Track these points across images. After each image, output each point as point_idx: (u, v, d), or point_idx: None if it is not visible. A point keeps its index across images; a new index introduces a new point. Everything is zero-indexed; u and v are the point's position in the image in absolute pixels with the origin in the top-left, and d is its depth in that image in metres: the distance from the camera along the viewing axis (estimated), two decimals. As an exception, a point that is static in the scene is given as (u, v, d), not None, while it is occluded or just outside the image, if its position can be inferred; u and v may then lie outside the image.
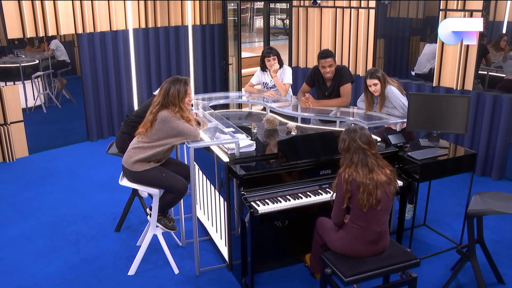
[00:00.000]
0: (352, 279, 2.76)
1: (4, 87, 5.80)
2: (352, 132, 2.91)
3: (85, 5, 6.22)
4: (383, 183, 2.82)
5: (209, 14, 7.61)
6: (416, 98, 3.88)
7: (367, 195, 2.76)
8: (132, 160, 3.39)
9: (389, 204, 2.89)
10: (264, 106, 4.64)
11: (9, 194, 5.03)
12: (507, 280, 3.50)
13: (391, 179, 2.87)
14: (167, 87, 3.37)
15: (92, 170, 5.67)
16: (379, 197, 2.78)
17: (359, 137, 2.87)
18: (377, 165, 2.85)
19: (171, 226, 3.63)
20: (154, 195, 3.51)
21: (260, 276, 3.57)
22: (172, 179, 3.46)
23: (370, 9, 6.25)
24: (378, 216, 2.85)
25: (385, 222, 2.91)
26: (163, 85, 3.42)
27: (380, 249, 2.92)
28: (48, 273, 3.63)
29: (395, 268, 2.87)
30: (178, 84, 3.38)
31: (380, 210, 2.82)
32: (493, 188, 5.16)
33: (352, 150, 2.87)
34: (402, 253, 2.95)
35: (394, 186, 2.89)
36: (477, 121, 5.46)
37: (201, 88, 7.71)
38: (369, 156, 2.84)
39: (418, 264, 2.91)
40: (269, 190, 3.27)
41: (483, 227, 3.39)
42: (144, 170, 3.39)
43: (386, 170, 2.88)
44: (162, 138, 3.36)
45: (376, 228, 2.86)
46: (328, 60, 4.45)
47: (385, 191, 2.83)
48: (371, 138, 2.91)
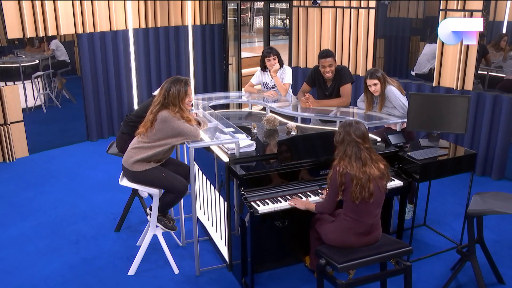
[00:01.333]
0: (345, 266, 2.81)
1: (4, 87, 5.80)
2: (347, 126, 2.96)
3: (85, 5, 6.22)
4: (375, 177, 2.87)
5: (209, 14, 7.61)
6: (416, 98, 3.88)
7: (360, 188, 2.82)
8: (132, 160, 3.39)
9: (381, 197, 2.95)
10: (264, 106, 4.64)
11: (9, 194, 5.03)
12: (507, 280, 3.50)
13: (384, 173, 2.92)
14: (167, 87, 3.38)
15: (92, 170, 5.67)
16: (371, 190, 2.84)
17: (354, 130, 2.91)
18: (370, 159, 2.90)
19: (171, 226, 3.63)
20: (154, 195, 3.51)
21: (260, 276, 3.57)
22: (172, 179, 3.46)
23: (370, 9, 6.25)
24: (370, 209, 2.90)
25: (377, 214, 2.98)
26: (163, 85, 3.43)
27: (372, 240, 2.98)
28: (48, 273, 3.63)
29: (387, 256, 2.93)
30: (178, 84, 3.38)
31: (372, 203, 2.88)
32: (493, 188, 5.15)
33: (346, 143, 2.92)
34: (393, 242, 3.04)
35: (386, 180, 2.96)
36: (477, 121, 5.46)
37: (201, 88, 7.71)
38: (362, 150, 2.89)
39: (411, 252, 2.98)
40: (269, 190, 3.27)
41: (483, 227, 3.39)
42: (144, 170, 3.39)
43: (380, 165, 2.93)
44: (162, 138, 3.36)
45: (368, 221, 2.92)
46: (328, 59, 4.45)
47: (378, 185, 2.88)
48: (366, 133, 2.96)
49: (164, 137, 3.36)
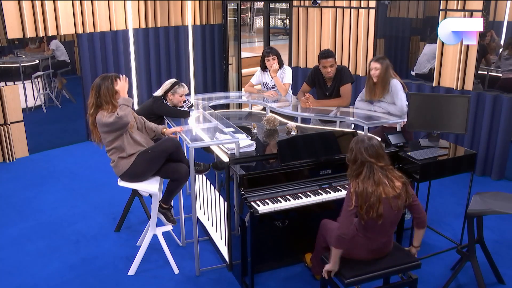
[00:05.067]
0: (353, 281, 2.75)
1: (4, 87, 5.80)
2: (359, 143, 2.76)
3: (85, 5, 6.22)
4: (389, 197, 2.69)
5: (209, 14, 7.61)
6: (416, 98, 3.88)
7: (367, 207, 2.66)
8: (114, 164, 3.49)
9: (395, 217, 2.78)
10: (264, 106, 4.64)
11: (9, 194, 5.03)
12: (507, 280, 3.50)
13: (400, 193, 2.72)
14: (97, 86, 3.38)
15: (92, 170, 5.67)
16: (380, 211, 2.66)
17: (366, 149, 2.72)
18: (385, 178, 2.71)
19: (172, 220, 3.65)
20: (154, 195, 3.51)
21: (260, 276, 3.57)
22: (158, 145, 3.49)
23: (370, 9, 6.24)
24: (386, 229, 2.79)
25: (392, 233, 2.86)
26: (93, 84, 3.42)
27: (382, 255, 2.89)
28: (48, 273, 3.63)
29: (396, 270, 2.87)
30: (106, 81, 3.38)
31: (388, 223, 2.74)
32: (493, 188, 5.15)
33: (358, 163, 2.74)
34: (403, 255, 2.94)
35: (403, 199, 2.74)
36: (477, 121, 5.46)
37: (201, 88, 7.71)
38: (376, 170, 2.70)
39: (419, 266, 2.91)
40: (269, 190, 3.27)
41: (483, 227, 3.39)
42: (132, 163, 3.42)
43: (396, 183, 2.73)
44: (107, 138, 3.44)
45: (382, 239, 2.81)
46: (329, 60, 4.45)
47: (390, 205, 2.69)
48: (380, 150, 2.75)
49: (105, 135, 3.42)
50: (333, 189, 3.36)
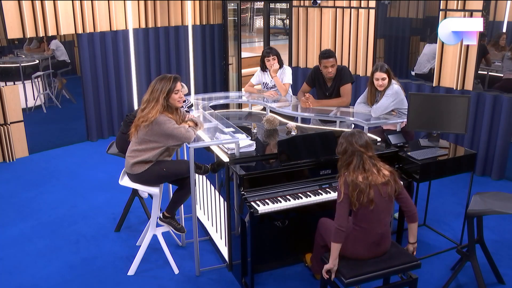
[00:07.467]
0: (353, 281, 2.75)
1: (4, 87, 5.80)
2: (349, 136, 2.89)
3: (85, 5, 6.22)
4: (379, 184, 2.79)
5: (209, 14, 7.61)
6: (416, 98, 3.88)
7: (358, 193, 2.75)
8: (130, 163, 3.41)
9: (387, 205, 2.86)
10: (264, 106, 4.64)
11: (9, 194, 5.03)
12: (507, 280, 3.50)
13: (389, 180, 2.84)
14: (154, 85, 3.35)
15: (92, 170, 5.67)
16: (371, 196, 2.75)
17: (356, 140, 2.85)
18: (374, 167, 2.83)
19: (180, 228, 3.62)
20: (154, 195, 3.51)
21: (260, 276, 3.57)
22: (173, 165, 3.43)
23: (370, 9, 6.24)
24: (380, 217, 2.83)
25: (387, 224, 2.90)
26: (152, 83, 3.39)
27: (381, 251, 2.91)
28: (48, 273, 3.63)
29: (396, 270, 2.87)
30: (165, 81, 3.35)
31: (380, 211, 2.80)
32: (493, 188, 5.15)
33: (348, 153, 2.86)
34: (403, 255, 2.95)
35: (392, 187, 2.85)
36: (477, 121, 5.46)
37: (201, 88, 7.71)
38: (365, 159, 2.82)
39: (419, 266, 2.91)
40: (269, 190, 3.27)
41: (483, 227, 3.39)
42: (144, 171, 3.39)
43: (384, 171, 2.85)
44: (152, 140, 3.33)
45: (377, 230, 2.84)
46: (330, 60, 4.45)
47: (380, 192, 2.79)
48: (369, 141, 2.88)
49: (154, 139, 3.33)
50: (333, 189, 3.36)
